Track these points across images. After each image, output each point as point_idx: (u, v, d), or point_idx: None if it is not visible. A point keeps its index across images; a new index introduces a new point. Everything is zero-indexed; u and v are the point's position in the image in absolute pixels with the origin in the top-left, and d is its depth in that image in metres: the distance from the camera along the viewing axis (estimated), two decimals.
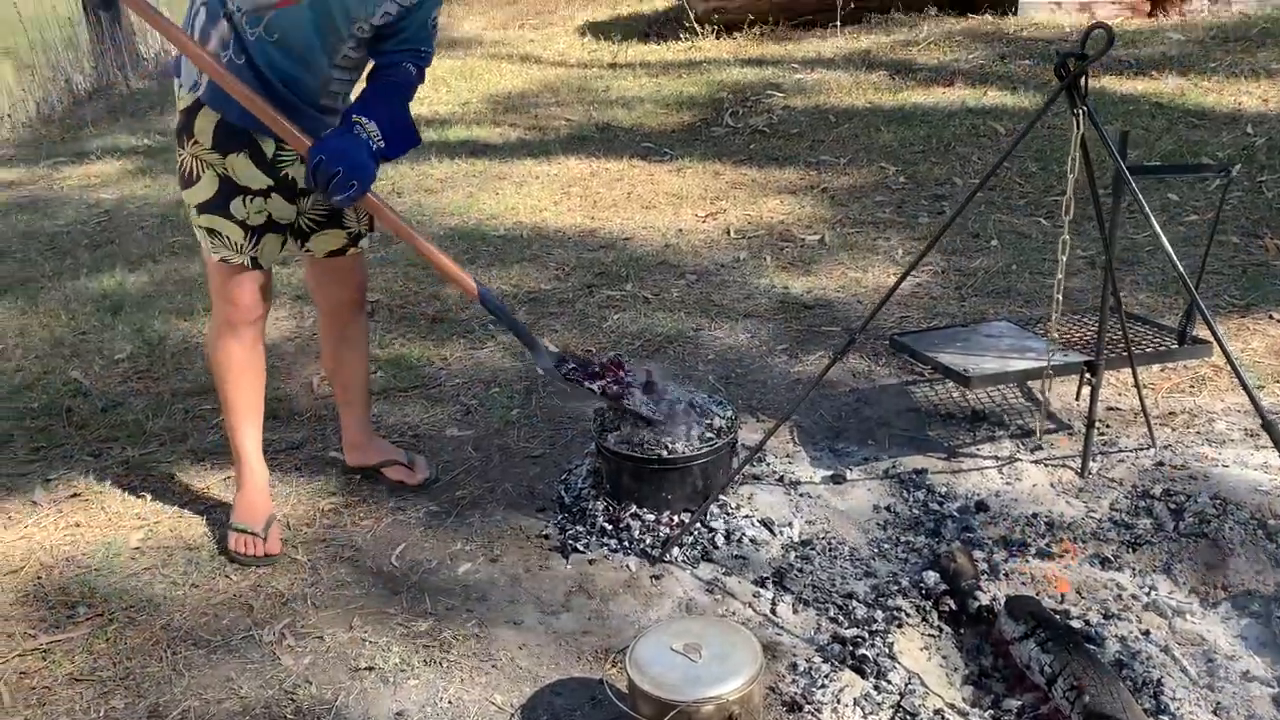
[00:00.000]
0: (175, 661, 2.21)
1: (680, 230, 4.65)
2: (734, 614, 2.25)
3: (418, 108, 6.81)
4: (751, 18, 7.97)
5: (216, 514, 2.71)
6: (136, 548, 2.61)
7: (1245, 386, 1.98)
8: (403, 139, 2.25)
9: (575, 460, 2.85)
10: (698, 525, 2.48)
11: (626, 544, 2.47)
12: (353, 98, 2.33)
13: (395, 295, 4.10)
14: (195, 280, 4.35)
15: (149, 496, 2.83)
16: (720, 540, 2.47)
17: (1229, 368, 2.97)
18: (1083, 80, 1.98)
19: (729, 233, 4.57)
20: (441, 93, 7.27)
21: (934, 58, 6.90)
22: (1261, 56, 6.22)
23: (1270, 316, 3.42)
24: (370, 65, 2.34)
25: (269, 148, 2.31)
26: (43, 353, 3.77)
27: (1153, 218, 2.04)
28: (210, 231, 2.34)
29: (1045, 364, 2.56)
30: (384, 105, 2.25)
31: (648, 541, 2.47)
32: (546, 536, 2.56)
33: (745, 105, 6.41)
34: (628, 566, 2.41)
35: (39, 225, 5.31)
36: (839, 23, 7.73)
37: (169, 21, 2.12)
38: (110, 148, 6.74)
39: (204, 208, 2.32)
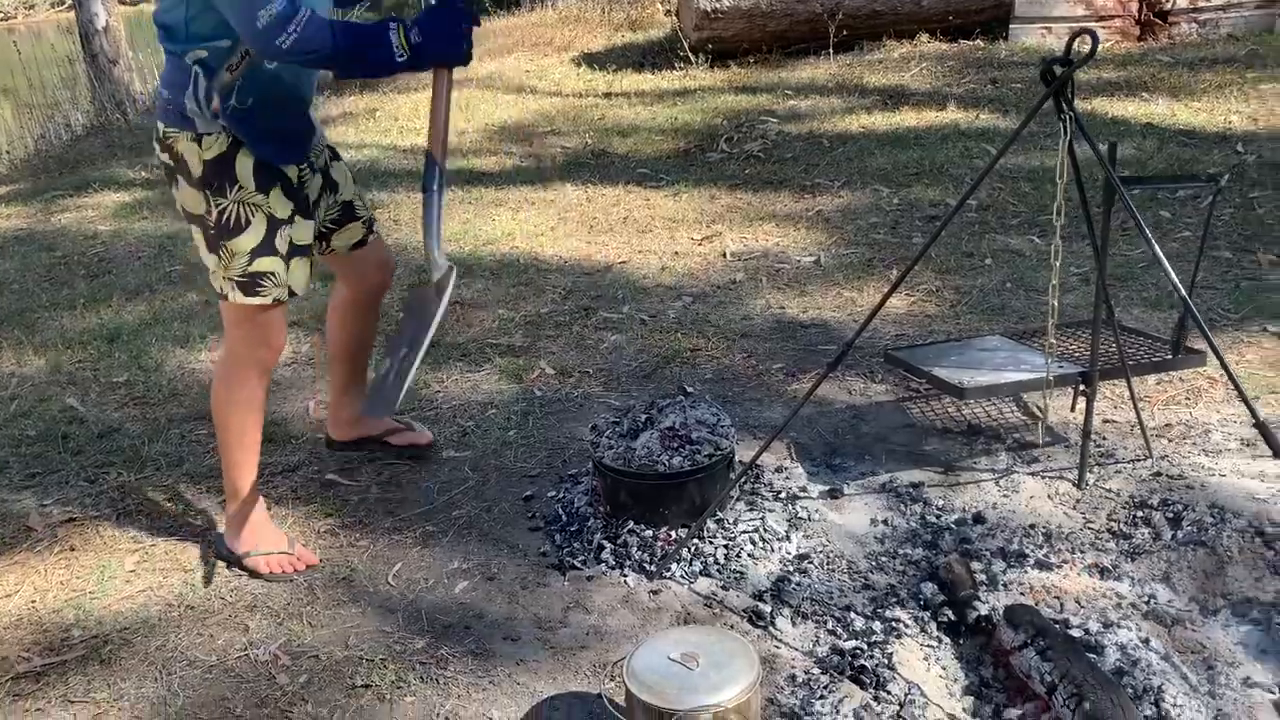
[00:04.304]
0: (170, 682, 2.20)
1: (676, 253, 4.67)
2: (732, 628, 2.24)
3: (414, 138, 6.88)
4: (745, 46, 8.04)
5: (213, 535, 2.71)
6: (132, 570, 2.60)
7: (1238, 387, 1.99)
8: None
9: (573, 479, 2.85)
10: (695, 541, 2.48)
11: (624, 560, 2.46)
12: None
13: (391, 320, 4.10)
14: (192, 309, 4.37)
15: (144, 520, 2.82)
16: (718, 555, 2.46)
17: (1224, 380, 2.99)
18: (1068, 87, 2.01)
19: (725, 256, 4.59)
20: None
21: (926, 83, 6.96)
22: (1249, 77, 6.27)
23: (1264, 329, 3.43)
24: None
25: (293, 174, 2.35)
26: (39, 381, 3.77)
27: (1143, 224, 2.06)
28: (262, 276, 2.32)
29: (1045, 374, 2.56)
30: None
31: (645, 558, 2.46)
32: (544, 554, 2.55)
33: (740, 131, 6.45)
34: (625, 582, 2.41)
35: (36, 258, 5.33)
36: (831, 50, 7.80)
37: None
38: (108, 181, 6.78)
39: (258, 252, 2.30)
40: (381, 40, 2.08)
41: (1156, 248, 2.04)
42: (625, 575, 2.42)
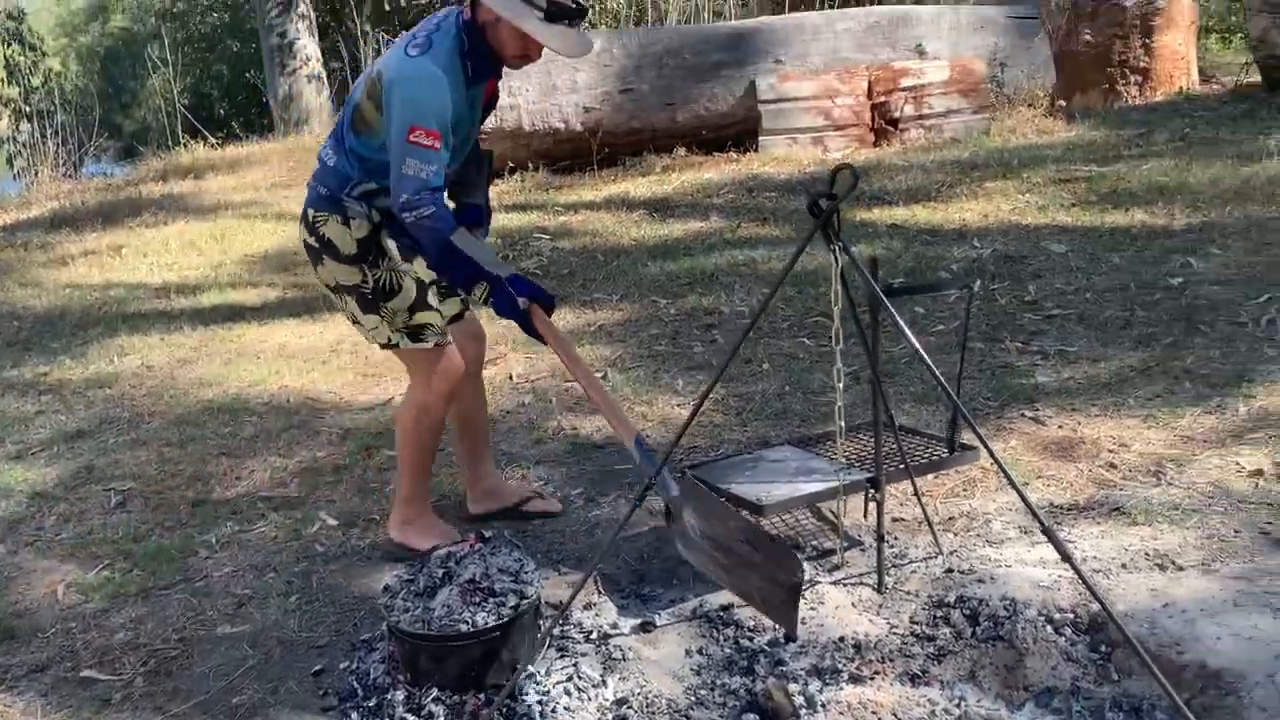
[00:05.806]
0: None
1: None
2: None
3: (166, 274, 6.48)
4: (511, 165, 8.13)
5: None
6: None
7: (1016, 488, 2.08)
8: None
9: (366, 645, 2.64)
10: (508, 701, 2.32)
11: None
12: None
13: (150, 481, 3.76)
14: None
15: None
16: (533, 714, 2.31)
17: (996, 469, 3.15)
18: (835, 218, 2.08)
19: (511, 378, 4.51)
20: (191, 257, 6.93)
21: (688, 196, 7.23)
22: (975, 175, 6.89)
23: (1022, 414, 3.67)
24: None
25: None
26: None
27: (913, 338, 2.14)
28: (422, 327, 2.85)
29: (838, 485, 2.62)
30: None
31: None
32: None
33: (514, 249, 6.46)
34: None
35: None
36: (595, 166, 8.01)
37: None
38: None
39: (415, 307, 2.84)
40: (470, 279, 2.71)
41: (929, 360, 2.12)
42: None
